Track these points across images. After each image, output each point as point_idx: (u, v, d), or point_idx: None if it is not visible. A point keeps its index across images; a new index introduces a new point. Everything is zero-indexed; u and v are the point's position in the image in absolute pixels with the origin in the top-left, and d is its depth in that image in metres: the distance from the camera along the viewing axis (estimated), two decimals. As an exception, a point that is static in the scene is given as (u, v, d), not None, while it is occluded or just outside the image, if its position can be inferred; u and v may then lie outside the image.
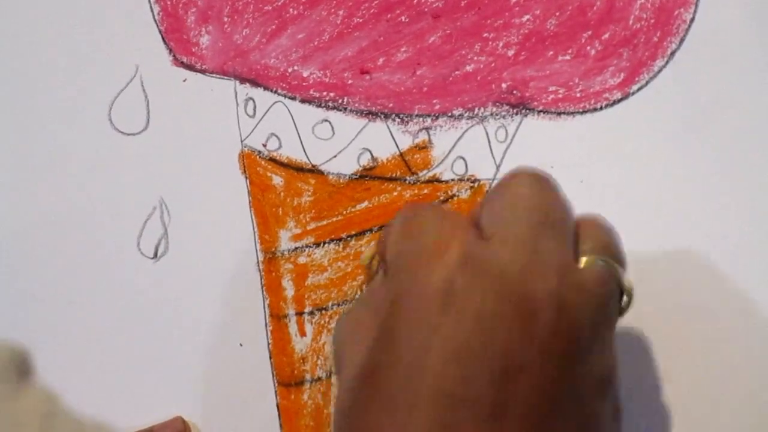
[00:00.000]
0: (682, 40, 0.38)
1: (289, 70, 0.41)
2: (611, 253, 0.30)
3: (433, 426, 0.26)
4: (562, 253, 0.28)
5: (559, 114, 0.39)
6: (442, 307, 0.27)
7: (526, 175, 0.30)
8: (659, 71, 0.38)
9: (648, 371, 0.37)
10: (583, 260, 0.29)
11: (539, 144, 0.39)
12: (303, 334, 0.40)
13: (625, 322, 0.36)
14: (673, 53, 0.38)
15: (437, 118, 0.40)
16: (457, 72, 0.40)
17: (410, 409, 0.27)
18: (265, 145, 0.41)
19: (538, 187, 0.29)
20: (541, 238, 0.28)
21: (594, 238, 0.30)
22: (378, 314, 0.29)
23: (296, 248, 0.40)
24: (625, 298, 0.30)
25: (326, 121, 0.40)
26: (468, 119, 0.39)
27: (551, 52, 0.39)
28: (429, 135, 0.40)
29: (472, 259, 0.27)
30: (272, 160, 0.41)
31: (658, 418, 0.36)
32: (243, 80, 0.41)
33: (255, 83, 0.41)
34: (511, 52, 0.39)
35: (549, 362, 0.27)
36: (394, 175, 0.40)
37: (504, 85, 0.39)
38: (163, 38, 0.42)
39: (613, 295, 0.29)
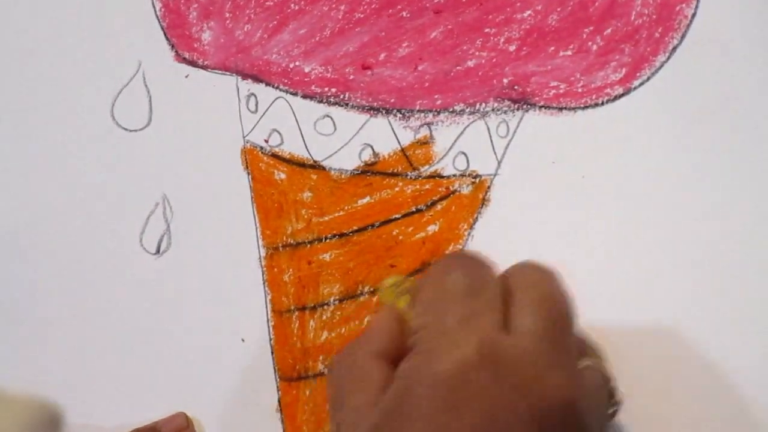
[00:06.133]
0: (683, 36, 0.38)
1: (291, 65, 0.41)
2: (603, 364, 0.32)
3: None
4: (572, 356, 0.30)
5: (560, 109, 0.39)
6: (452, 403, 0.27)
7: (557, 278, 0.31)
8: (661, 66, 0.38)
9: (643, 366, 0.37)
10: (584, 364, 0.31)
11: (541, 139, 0.39)
12: (305, 329, 0.40)
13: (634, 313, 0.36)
14: (674, 49, 0.38)
15: (439, 113, 0.40)
16: (458, 67, 0.40)
17: None
18: (267, 141, 0.41)
19: (564, 293, 0.31)
20: (557, 339, 0.29)
21: (588, 347, 0.33)
22: (387, 389, 0.29)
23: (298, 244, 0.40)
24: (613, 404, 0.32)
25: (328, 116, 0.40)
26: (469, 114, 0.39)
27: (553, 48, 0.39)
28: (430, 130, 0.40)
29: (490, 354, 0.28)
30: (274, 155, 0.41)
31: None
32: (245, 76, 0.41)
33: (257, 79, 0.41)
34: (512, 48, 0.39)
35: None
36: (395, 170, 0.40)
37: (505, 81, 0.39)
38: (165, 34, 0.42)
39: (605, 400, 0.31)
